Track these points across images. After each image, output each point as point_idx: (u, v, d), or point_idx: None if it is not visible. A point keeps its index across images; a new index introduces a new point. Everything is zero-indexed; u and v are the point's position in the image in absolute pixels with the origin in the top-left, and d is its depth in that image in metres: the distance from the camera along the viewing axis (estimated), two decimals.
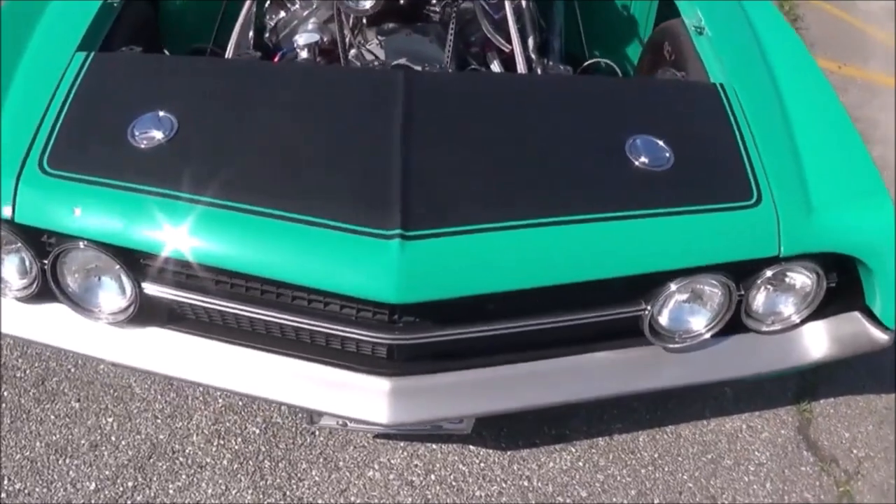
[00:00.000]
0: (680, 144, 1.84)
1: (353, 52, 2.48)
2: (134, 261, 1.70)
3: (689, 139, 1.89)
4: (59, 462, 2.19)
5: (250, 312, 1.73)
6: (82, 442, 2.24)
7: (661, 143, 1.83)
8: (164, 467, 2.19)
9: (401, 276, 1.54)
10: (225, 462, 2.21)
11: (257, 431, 2.28)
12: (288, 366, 1.82)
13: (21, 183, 1.66)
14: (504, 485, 2.20)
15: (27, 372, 2.40)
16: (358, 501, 2.14)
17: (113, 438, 2.25)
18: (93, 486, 2.15)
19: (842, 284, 1.87)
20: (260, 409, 2.32)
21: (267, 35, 2.66)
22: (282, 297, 1.72)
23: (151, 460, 2.20)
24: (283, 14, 2.67)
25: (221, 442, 2.25)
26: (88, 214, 1.64)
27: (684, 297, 1.82)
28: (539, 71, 2.52)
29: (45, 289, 1.77)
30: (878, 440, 2.39)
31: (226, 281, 1.72)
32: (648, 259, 1.71)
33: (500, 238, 1.62)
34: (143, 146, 1.72)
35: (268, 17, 2.71)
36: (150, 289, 1.72)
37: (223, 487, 2.15)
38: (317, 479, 2.18)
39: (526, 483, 2.20)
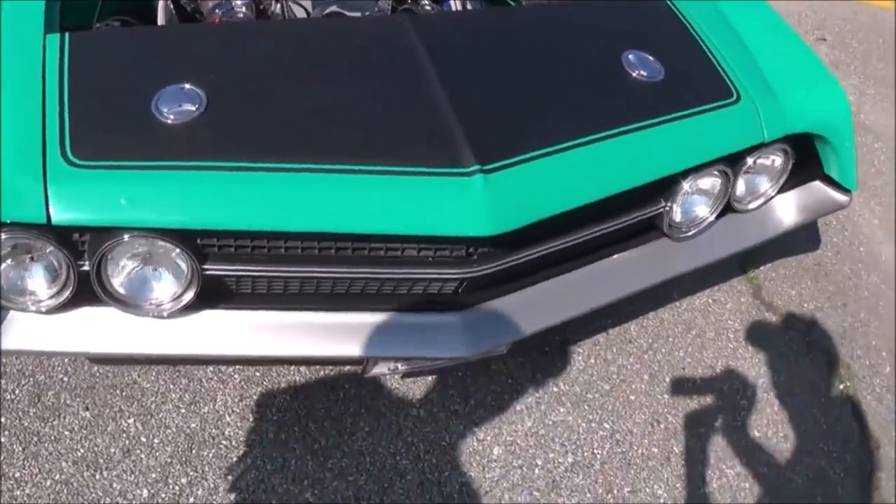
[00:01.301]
0: (662, 56, 2.03)
1: (277, 5, 2.43)
2: (190, 243, 1.62)
3: (667, 51, 2.07)
4: (97, 477, 2.09)
5: (327, 273, 1.73)
6: (112, 450, 2.15)
7: (650, 56, 2.01)
8: (211, 455, 2.16)
9: (491, 208, 1.61)
10: (271, 435, 2.21)
11: (288, 398, 2.29)
12: (356, 321, 1.84)
13: (49, 181, 1.50)
14: (537, 394, 2.36)
15: (16, 392, 2.24)
16: (415, 440, 2.23)
17: (143, 439, 2.18)
18: (145, 493, 2.08)
19: (798, 160, 2.17)
20: (280, 375, 2.32)
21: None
22: (358, 251, 1.73)
23: (195, 451, 2.16)
24: None
25: (257, 416, 2.24)
26: (139, 201, 1.54)
27: (692, 190, 2.04)
28: (468, 4, 2.59)
29: (79, 294, 1.65)
30: (819, 292, 2.78)
31: (295, 245, 1.69)
32: (671, 161, 1.90)
33: (558, 160, 1.73)
34: (173, 121, 1.62)
35: None
36: (213, 269, 1.66)
37: (280, 461, 2.16)
38: (367, 429, 2.24)
39: (555, 388, 2.38)
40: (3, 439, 2.14)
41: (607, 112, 1.89)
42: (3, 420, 2.18)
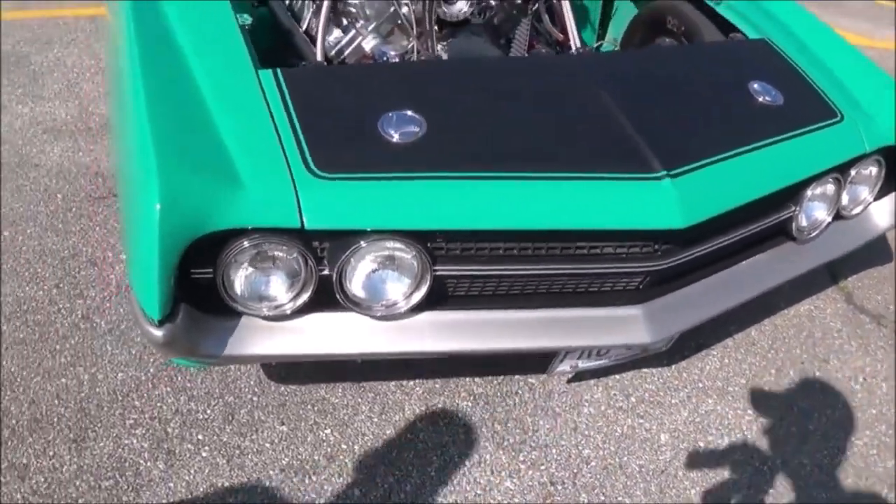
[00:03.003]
0: (778, 84, 2.39)
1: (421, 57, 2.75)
2: (422, 247, 1.82)
3: (780, 80, 2.44)
4: (307, 481, 2.23)
5: (538, 270, 1.96)
6: (316, 458, 2.29)
7: (769, 85, 2.37)
8: (412, 455, 2.31)
9: (680, 205, 1.89)
10: (462, 436, 2.38)
11: (469, 405, 2.47)
12: (554, 316, 2.08)
13: (300, 191, 1.70)
14: (687, 390, 2.61)
15: (208, 412, 2.38)
16: (591, 433, 2.43)
17: (343, 446, 2.32)
18: (357, 493, 2.21)
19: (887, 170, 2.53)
20: (459, 387, 2.51)
21: (334, 53, 2.80)
22: (566, 250, 1.97)
23: (395, 454, 2.31)
24: (336, 31, 2.83)
25: (446, 421, 2.42)
26: (381, 206, 1.76)
27: (813, 197, 2.36)
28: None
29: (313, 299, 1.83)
30: None
31: (512, 246, 1.92)
32: (802, 168, 2.23)
33: (725, 166, 2.04)
34: (398, 140, 1.86)
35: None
36: (442, 269, 1.87)
37: (476, 457, 2.33)
38: (546, 427, 2.43)
39: (701, 385, 2.63)
40: (204, 454, 2.27)
41: (750, 128, 2.21)
42: (200, 437, 2.31)
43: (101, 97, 3.57)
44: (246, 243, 1.69)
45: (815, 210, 2.41)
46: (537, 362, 2.31)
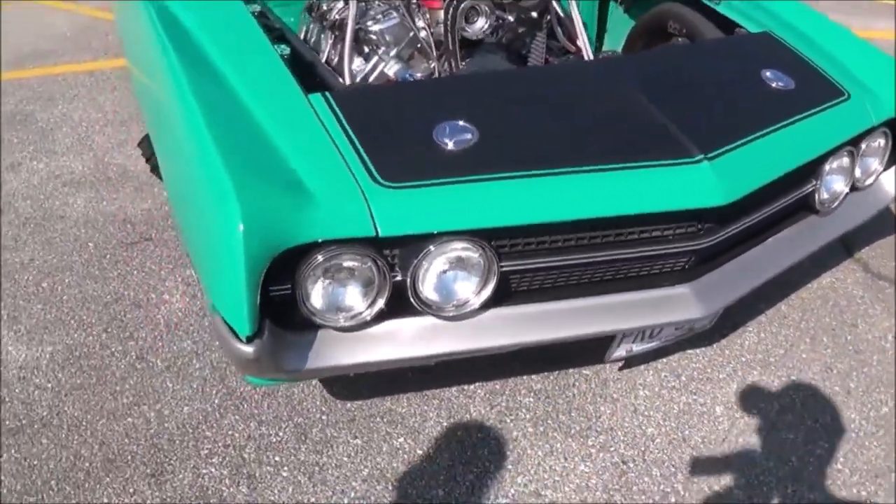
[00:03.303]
0: (787, 71, 2.55)
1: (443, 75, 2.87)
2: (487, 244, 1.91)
3: (789, 67, 2.60)
4: (390, 488, 2.29)
5: (594, 258, 2.08)
6: (395, 465, 2.36)
7: (780, 72, 2.52)
8: (486, 452, 2.40)
9: (720, 184, 2.02)
10: (530, 429, 2.47)
11: (531, 400, 2.57)
12: (609, 302, 2.18)
13: (370, 201, 1.79)
14: (732, 365, 2.74)
15: (280, 434, 2.44)
16: (651, 412, 2.54)
17: (419, 452, 2.40)
18: (441, 493, 2.28)
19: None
20: (518, 385, 2.61)
21: (359, 80, 2.90)
22: (618, 236, 2.09)
23: (469, 453, 2.40)
24: (358, 60, 2.94)
25: (512, 417, 2.51)
26: (448, 209, 1.85)
27: (831, 170, 2.51)
28: None
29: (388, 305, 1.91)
30: None
31: (570, 237, 2.03)
32: (820, 143, 2.38)
33: (755, 146, 2.18)
34: (452, 148, 1.97)
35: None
36: (507, 265, 1.97)
37: (547, 447, 2.42)
38: (608, 412, 2.53)
39: (744, 359, 2.75)
40: (284, 473, 2.33)
41: (769, 112, 2.35)
42: (277, 458, 2.37)
43: (115, 147, 3.64)
44: (320, 257, 1.77)
45: (833, 183, 2.56)
46: (592, 352, 2.41)
